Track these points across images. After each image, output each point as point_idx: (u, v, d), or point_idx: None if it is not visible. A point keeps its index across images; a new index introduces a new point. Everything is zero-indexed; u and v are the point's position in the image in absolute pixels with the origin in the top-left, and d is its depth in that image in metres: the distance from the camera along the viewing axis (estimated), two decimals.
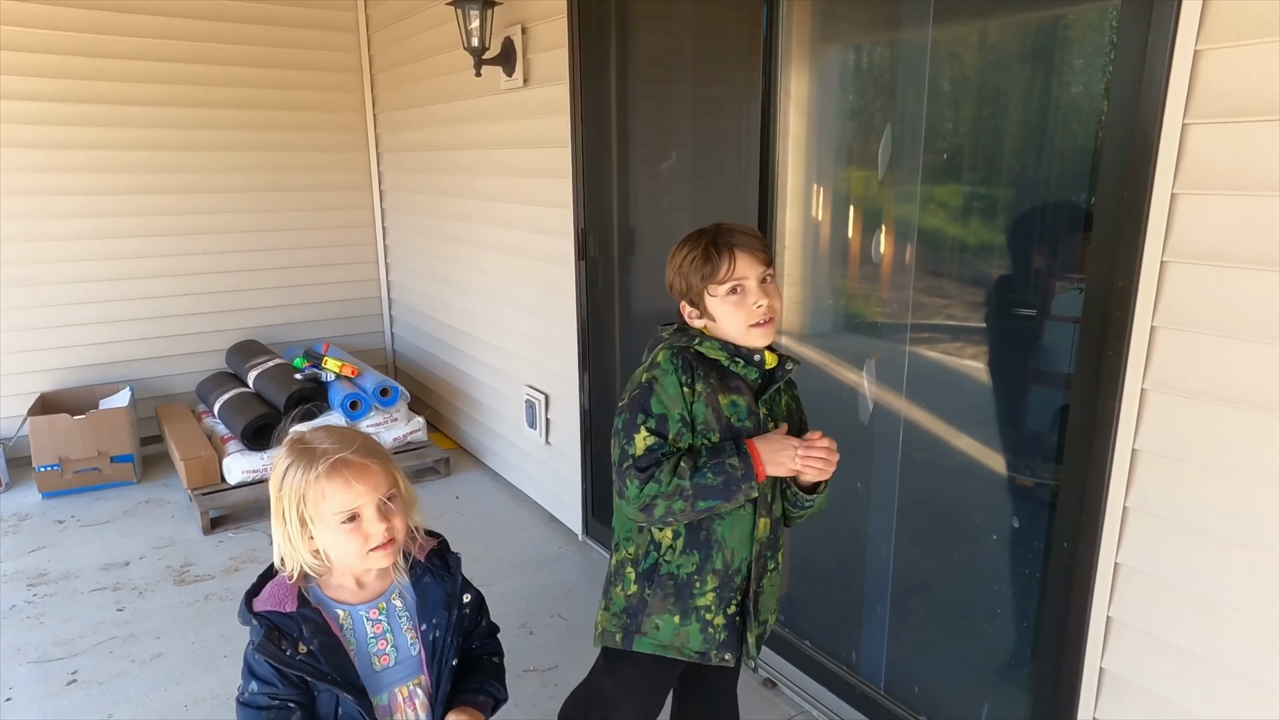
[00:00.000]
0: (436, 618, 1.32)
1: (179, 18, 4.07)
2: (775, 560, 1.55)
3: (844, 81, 2.18)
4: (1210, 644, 1.45)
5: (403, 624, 1.32)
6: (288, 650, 1.20)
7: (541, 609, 2.82)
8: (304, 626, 1.22)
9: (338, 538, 1.22)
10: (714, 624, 1.49)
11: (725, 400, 1.43)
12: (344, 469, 1.20)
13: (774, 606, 1.59)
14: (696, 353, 1.45)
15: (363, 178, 4.77)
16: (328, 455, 1.21)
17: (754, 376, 1.45)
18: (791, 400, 1.57)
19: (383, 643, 1.30)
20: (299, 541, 1.23)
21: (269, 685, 1.21)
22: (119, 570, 3.10)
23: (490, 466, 4.04)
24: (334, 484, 1.19)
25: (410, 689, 1.32)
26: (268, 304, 4.59)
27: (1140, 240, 1.42)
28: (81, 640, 2.65)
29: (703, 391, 1.41)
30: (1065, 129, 1.70)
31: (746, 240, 1.43)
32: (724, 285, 1.41)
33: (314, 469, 1.20)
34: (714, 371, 1.44)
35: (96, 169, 4.02)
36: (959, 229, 1.92)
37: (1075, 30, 1.68)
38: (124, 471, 3.81)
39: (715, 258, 1.41)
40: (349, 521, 1.21)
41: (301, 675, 1.21)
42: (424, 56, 3.95)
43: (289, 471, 1.22)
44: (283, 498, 1.22)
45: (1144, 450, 1.48)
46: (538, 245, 3.25)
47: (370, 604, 1.30)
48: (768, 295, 1.42)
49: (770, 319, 1.43)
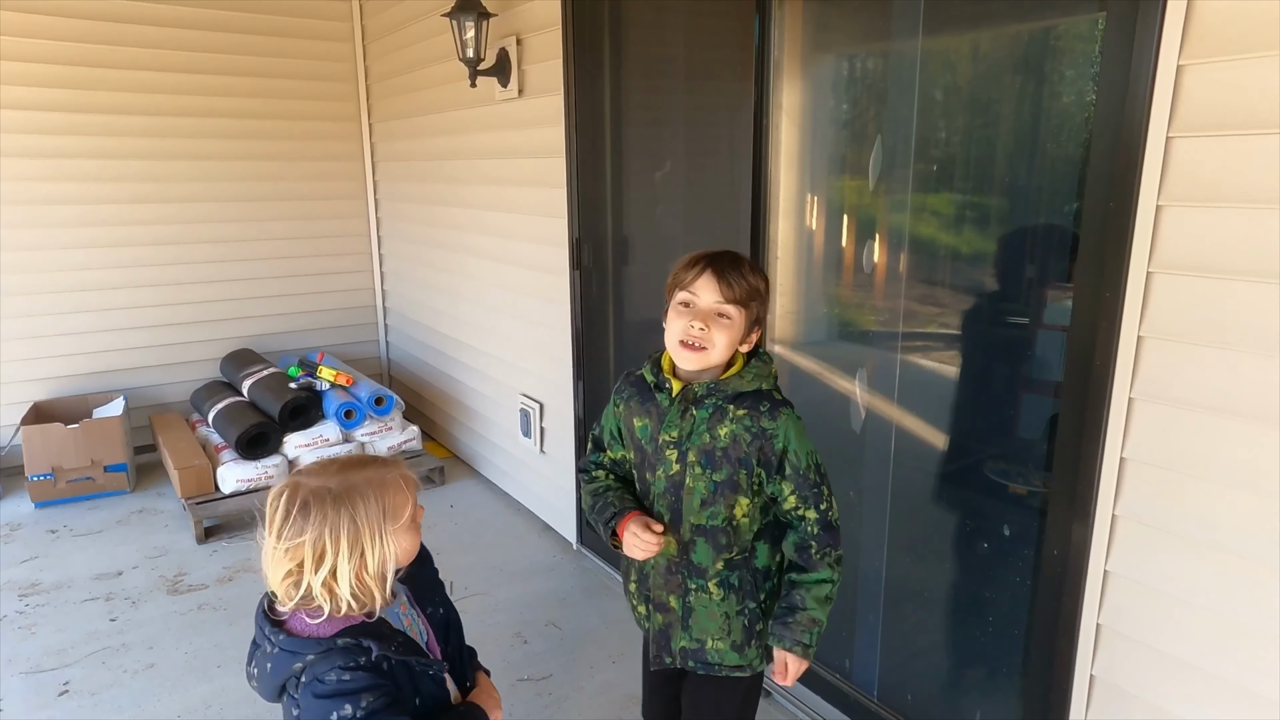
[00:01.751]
0: (438, 595, 1.42)
1: (175, 28, 4.08)
2: (700, 585, 1.51)
3: (835, 91, 2.20)
4: (1199, 651, 1.46)
5: (415, 613, 1.38)
6: (377, 651, 1.20)
7: (536, 618, 2.82)
8: (379, 626, 1.23)
9: (406, 538, 1.27)
10: (639, 610, 1.64)
11: (639, 422, 1.54)
12: (411, 483, 1.29)
13: (715, 632, 1.52)
14: (640, 375, 1.57)
15: (358, 187, 4.78)
16: (402, 473, 1.29)
17: (664, 403, 1.50)
18: (743, 432, 1.45)
19: (414, 632, 1.35)
20: (347, 572, 1.20)
21: (374, 688, 1.19)
22: (112, 580, 3.09)
23: (485, 475, 4.04)
24: (402, 495, 1.26)
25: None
26: (262, 313, 4.60)
27: (1126, 251, 1.44)
28: (74, 651, 2.65)
29: (623, 412, 1.58)
30: (1054, 140, 1.72)
31: (728, 271, 1.42)
32: (680, 293, 1.46)
33: (391, 491, 1.24)
34: (639, 394, 1.56)
35: (91, 178, 4.02)
36: (950, 238, 1.94)
37: (1064, 41, 1.70)
38: (117, 481, 3.80)
39: (690, 268, 1.45)
40: (411, 523, 1.28)
41: (403, 659, 1.23)
42: (419, 67, 3.97)
43: (348, 517, 1.19)
44: (361, 532, 1.20)
45: (1132, 459, 1.50)
46: (533, 254, 3.26)
47: (395, 604, 1.31)
48: (709, 323, 1.41)
49: (701, 346, 1.42)
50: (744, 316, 1.44)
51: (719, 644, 1.54)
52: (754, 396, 1.46)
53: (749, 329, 1.47)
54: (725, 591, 1.51)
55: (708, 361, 1.44)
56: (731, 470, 1.46)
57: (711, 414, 1.46)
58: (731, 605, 1.52)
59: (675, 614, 1.55)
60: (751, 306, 1.45)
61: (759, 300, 1.46)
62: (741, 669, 1.56)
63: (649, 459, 1.52)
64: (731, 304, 1.41)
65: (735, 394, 1.46)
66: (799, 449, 1.46)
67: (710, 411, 1.46)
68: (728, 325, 1.42)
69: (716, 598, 1.52)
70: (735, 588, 1.52)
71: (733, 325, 1.42)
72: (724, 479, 1.47)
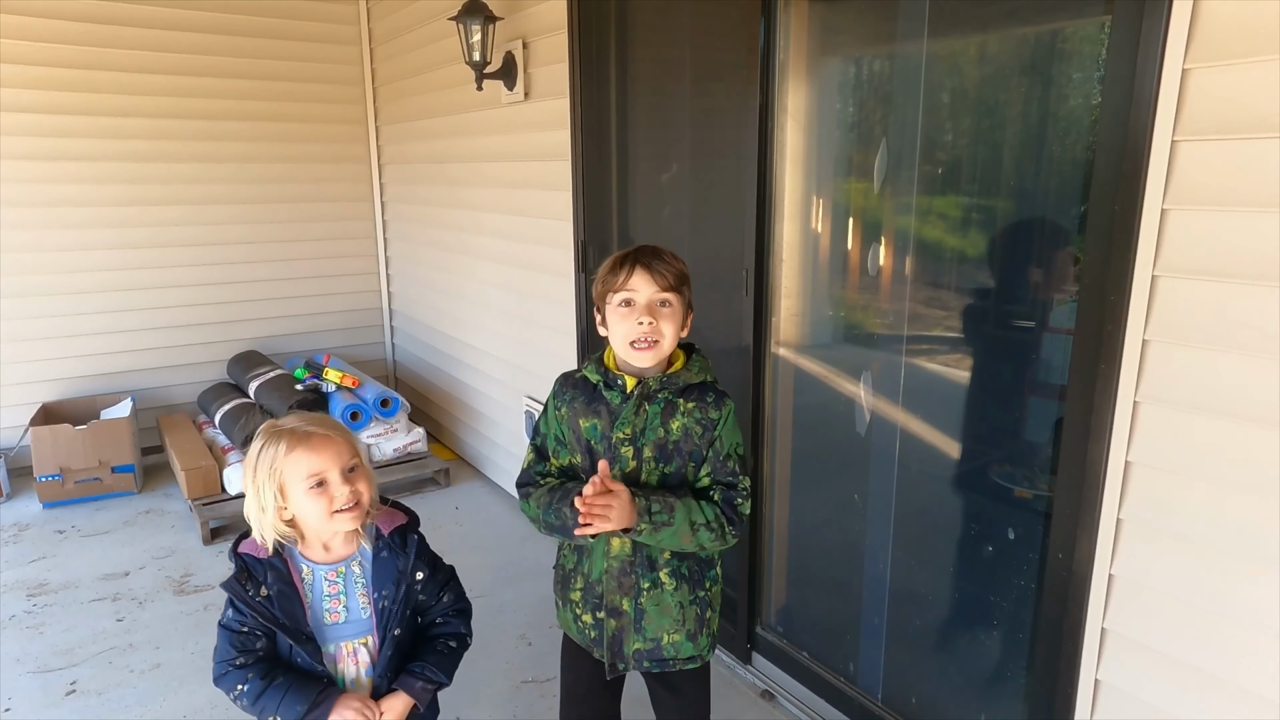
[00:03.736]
0: (386, 589, 1.48)
1: (183, 31, 4.11)
2: (652, 580, 1.54)
3: (841, 94, 2.20)
4: (1205, 655, 1.45)
5: (357, 588, 1.48)
6: (250, 590, 1.39)
7: (540, 619, 2.83)
8: (269, 572, 1.41)
9: (306, 502, 1.38)
10: (583, 619, 1.60)
11: (586, 423, 1.53)
12: (310, 439, 1.39)
13: (669, 627, 1.56)
14: (582, 375, 1.57)
15: (364, 189, 4.80)
16: (295, 430, 1.40)
17: (616, 401, 1.50)
18: (695, 425, 1.50)
19: (335, 601, 1.46)
20: (271, 513, 1.38)
21: (241, 614, 1.41)
22: (119, 580, 3.11)
23: (490, 477, 4.05)
24: (300, 451, 1.37)
25: (355, 646, 1.48)
26: (269, 315, 4.62)
27: (1131, 254, 1.43)
28: (81, 650, 2.66)
29: (566, 415, 1.56)
30: (1059, 143, 1.72)
31: (655, 263, 1.46)
32: (617, 295, 1.48)
33: (283, 441, 1.38)
34: (584, 394, 1.55)
35: (99, 180, 4.05)
36: (955, 241, 1.94)
37: (1070, 44, 1.70)
38: (125, 482, 3.82)
39: (618, 269, 1.48)
40: (316, 486, 1.38)
41: (255, 614, 1.39)
42: (426, 70, 3.98)
43: (264, 450, 1.39)
44: (258, 473, 1.38)
45: (1137, 462, 1.49)
46: (539, 257, 3.27)
47: (331, 566, 1.46)
48: (655, 316, 1.45)
49: (653, 341, 1.45)
50: (681, 301, 1.50)
51: (674, 636, 1.57)
52: (700, 389, 1.53)
53: (685, 313, 1.52)
54: (677, 581, 1.56)
55: (661, 354, 1.48)
56: (681, 463, 1.52)
57: (663, 408, 1.50)
58: (685, 594, 1.56)
59: (628, 617, 1.56)
60: (684, 291, 1.51)
61: (688, 283, 1.52)
62: (694, 660, 1.61)
63: (600, 459, 1.51)
64: (669, 291, 1.47)
65: (684, 386, 1.51)
66: (725, 437, 1.53)
67: (662, 406, 1.50)
68: (670, 313, 1.47)
69: (669, 588, 1.55)
70: (685, 577, 1.57)
71: (675, 312, 1.48)
72: (674, 471, 1.52)
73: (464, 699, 2.35)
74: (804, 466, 2.43)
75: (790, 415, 2.40)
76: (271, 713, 1.42)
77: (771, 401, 2.38)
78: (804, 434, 2.41)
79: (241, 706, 1.45)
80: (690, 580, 1.57)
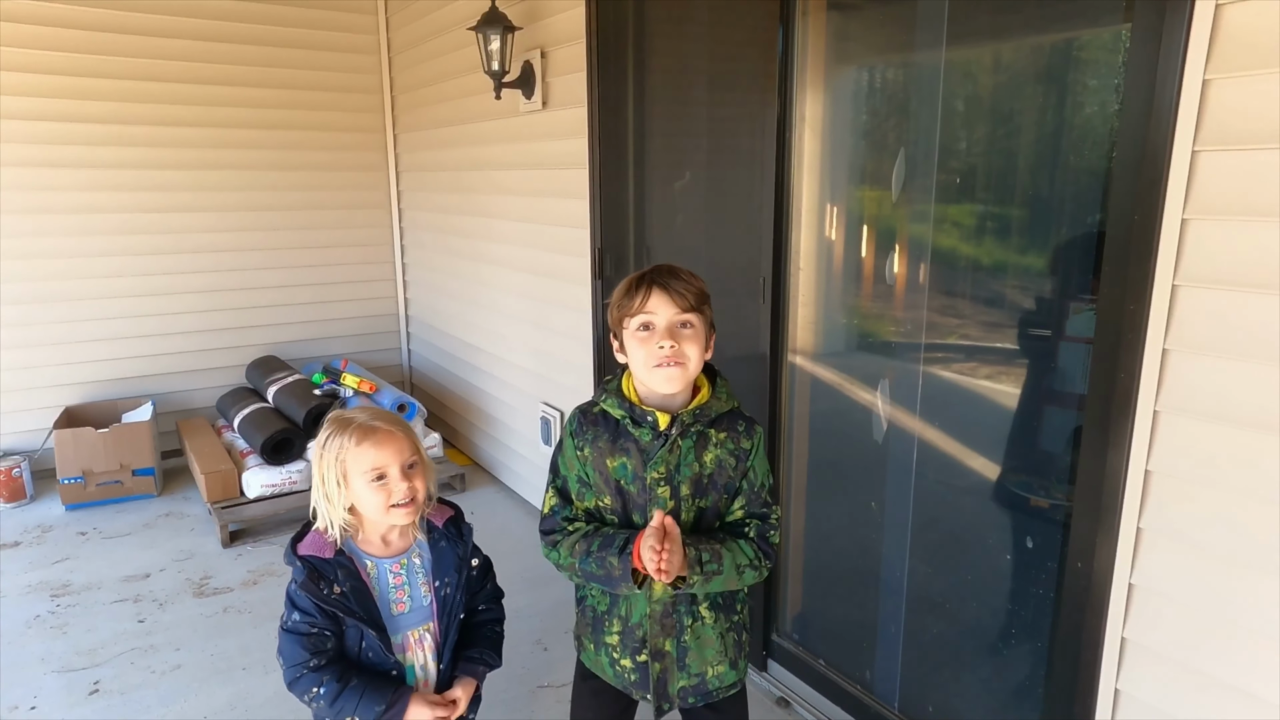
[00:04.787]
0: (448, 577, 1.53)
1: (205, 40, 4.18)
2: (695, 615, 1.49)
3: (858, 102, 2.22)
4: (1225, 665, 1.45)
5: (419, 579, 1.53)
6: (325, 589, 1.42)
7: (555, 625, 2.84)
8: (339, 571, 1.45)
9: (366, 494, 1.43)
10: (621, 664, 1.52)
11: (614, 463, 1.44)
12: (374, 434, 1.43)
13: (712, 659, 1.52)
14: (601, 410, 1.48)
15: (382, 197, 4.85)
16: (361, 423, 1.44)
17: (647, 439, 1.42)
18: (728, 456, 1.45)
19: (400, 592, 1.51)
20: (336, 500, 1.44)
21: (309, 616, 1.43)
22: (140, 582, 3.15)
23: (505, 483, 4.07)
24: (365, 446, 1.42)
25: (420, 633, 1.53)
26: (287, 320, 4.67)
27: (1151, 264, 1.44)
28: (103, 650, 2.70)
29: (590, 456, 1.46)
30: (1077, 152, 1.72)
31: (673, 283, 1.40)
32: (635, 319, 1.41)
33: (349, 434, 1.43)
34: (608, 431, 1.46)
35: (121, 188, 4.12)
36: (973, 249, 1.95)
37: (1089, 52, 1.71)
38: (145, 484, 3.87)
39: (634, 292, 1.41)
40: (377, 480, 1.42)
41: (335, 610, 1.42)
42: (444, 79, 4.03)
43: (330, 439, 1.44)
44: (324, 461, 1.43)
45: (1157, 471, 1.49)
46: (556, 264, 3.30)
47: (394, 559, 1.51)
48: (676, 339, 1.38)
49: (677, 363, 1.38)
50: (703, 321, 1.43)
51: (719, 669, 1.54)
52: (729, 417, 1.48)
53: (708, 333, 1.45)
54: (716, 613, 1.52)
55: (687, 377, 1.41)
56: (716, 497, 1.47)
57: (696, 441, 1.44)
58: (723, 624, 1.52)
59: (671, 657, 1.51)
60: (705, 310, 1.44)
61: (708, 302, 1.45)
62: (735, 685, 1.59)
63: (633, 500, 1.45)
64: (690, 312, 1.40)
65: (715, 416, 1.46)
66: (758, 466, 1.49)
67: (695, 439, 1.44)
68: (693, 335, 1.41)
69: (709, 621, 1.51)
70: (721, 606, 1.52)
71: (698, 333, 1.41)
72: (709, 506, 1.47)
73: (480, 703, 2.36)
74: (821, 474, 2.43)
75: (807, 423, 2.41)
76: (350, 714, 1.44)
77: (789, 409, 2.38)
78: (821, 442, 2.41)
79: (316, 709, 1.46)
80: (725, 608, 1.53)
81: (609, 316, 1.48)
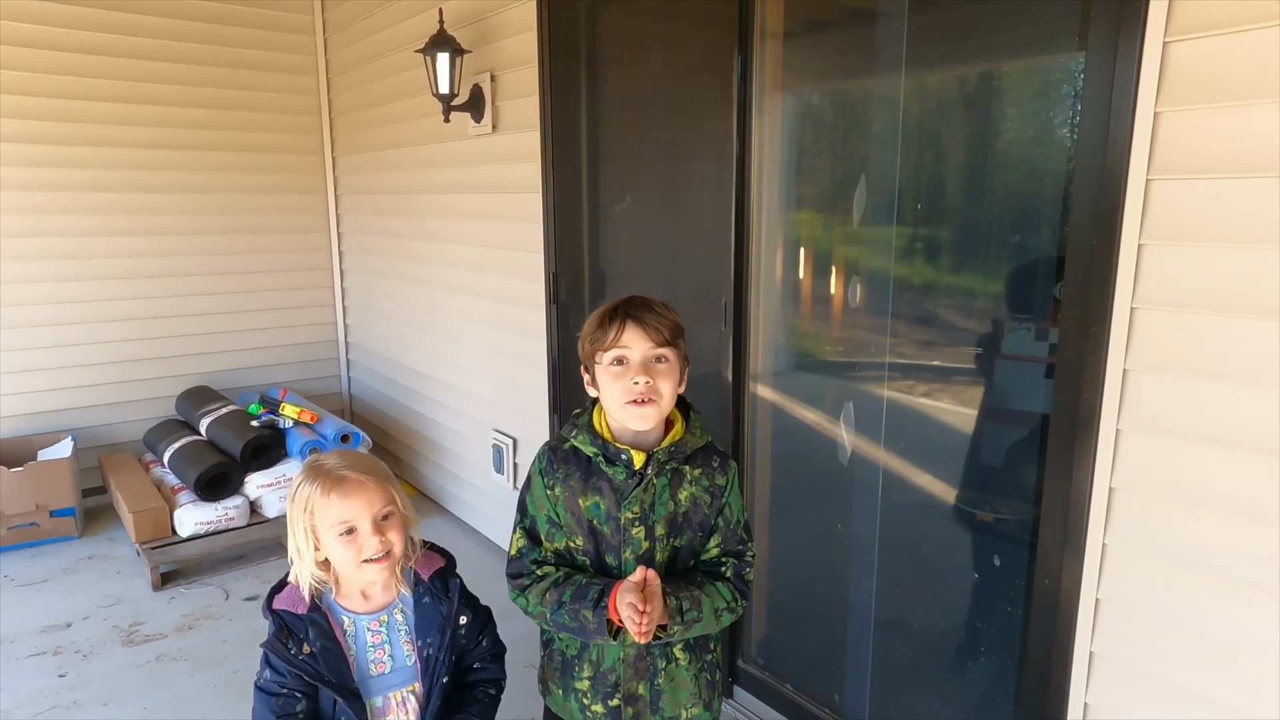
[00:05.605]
0: (431, 637, 1.44)
1: (135, 59, 4.00)
2: (669, 658, 1.46)
3: (817, 129, 2.25)
4: (1192, 675, 1.49)
5: (401, 636, 1.44)
6: (293, 649, 1.35)
7: (512, 659, 2.74)
8: (310, 629, 1.37)
9: (336, 548, 1.36)
10: (592, 709, 1.46)
11: (586, 503, 1.40)
12: (343, 484, 1.35)
13: (686, 701, 1.48)
14: (572, 447, 1.43)
15: (320, 220, 4.71)
16: (329, 470, 1.36)
17: (620, 477, 1.38)
18: (703, 493, 1.42)
19: (380, 651, 1.43)
20: (306, 554, 1.37)
21: (279, 675, 1.36)
22: (60, 632, 2.93)
23: (453, 512, 3.96)
24: (332, 497, 1.34)
25: (404, 694, 1.44)
26: (220, 349, 4.46)
27: (1111, 287, 1.49)
28: (19, 712, 2.48)
29: (561, 495, 1.41)
30: (1036, 180, 1.78)
31: (647, 316, 1.36)
32: (609, 354, 1.37)
33: (316, 483, 1.35)
34: (579, 469, 1.41)
35: (38, 210, 3.88)
36: (934, 274, 1.99)
37: (1048, 81, 1.77)
38: (64, 526, 3.62)
39: (607, 325, 1.37)
40: (346, 534, 1.35)
41: (300, 673, 1.34)
42: (388, 101, 3.95)
43: (300, 488, 1.37)
44: (293, 512, 1.36)
45: (1121, 488, 1.54)
46: (509, 289, 3.24)
47: (373, 615, 1.43)
48: (651, 374, 1.34)
49: (649, 400, 1.34)
50: (678, 355, 1.39)
51: (693, 710, 1.49)
52: (704, 452, 1.45)
53: (682, 367, 1.41)
54: (689, 654, 1.48)
55: (661, 414, 1.37)
56: (691, 535, 1.44)
57: (670, 479, 1.40)
58: (696, 665, 1.48)
59: (644, 700, 1.46)
60: (679, 344, 1.40)
61: (683, 335, 1.41)
62: None
63: (606, 541, 1.40)
64: (664, 346, 1.36)
65: (689, 452, 1.43)
66: (734, 502, 1.47)
67: (669, 477, 1.40)
68: (667, 369, 1.37)
69: (683, 662, 1.47)
70: (695, 646, 1.48)
71: (672, 367, 1.37)
72: (684, 545, 1.44)
73: None
74: (785, 497, 2.44)
75: (769, 446, 2.41)
76: None
77: (751, 432, 2.38)
78: (785, 464, 2.42)
79: None
80: (699, 647, 1.49)
81: (580, 349, 1.44)
